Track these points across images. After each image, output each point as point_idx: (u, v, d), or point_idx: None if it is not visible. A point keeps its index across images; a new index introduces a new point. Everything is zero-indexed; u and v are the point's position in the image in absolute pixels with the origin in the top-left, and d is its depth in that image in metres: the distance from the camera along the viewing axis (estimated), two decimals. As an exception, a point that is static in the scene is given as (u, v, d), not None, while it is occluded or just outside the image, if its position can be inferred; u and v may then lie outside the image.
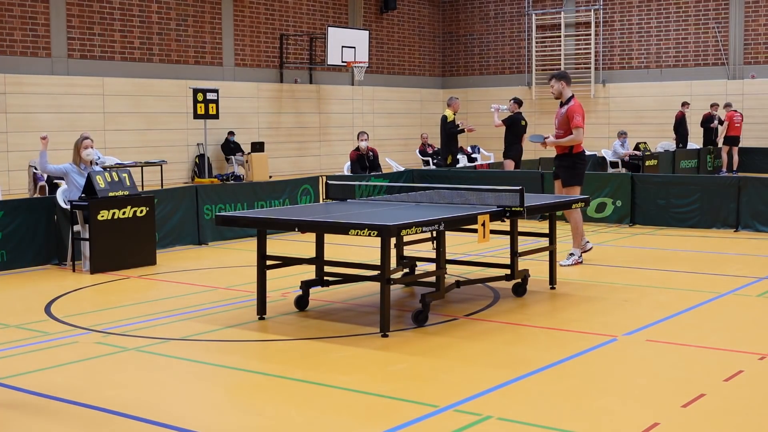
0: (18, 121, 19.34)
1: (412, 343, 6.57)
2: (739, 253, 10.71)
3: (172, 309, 7.78)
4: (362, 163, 15.95)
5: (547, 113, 28.22)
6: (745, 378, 5.60)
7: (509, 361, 6.11)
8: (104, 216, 9.68)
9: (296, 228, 7.25)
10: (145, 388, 5.60)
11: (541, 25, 28.88)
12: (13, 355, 6.33)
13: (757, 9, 25.65)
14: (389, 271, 6.69)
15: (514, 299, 8.06)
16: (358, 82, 26.74)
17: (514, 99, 16.78)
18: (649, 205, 12.95)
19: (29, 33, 19.72)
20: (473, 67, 30.24)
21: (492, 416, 4.90)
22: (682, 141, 23.11)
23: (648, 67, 27.27)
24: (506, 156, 16.63)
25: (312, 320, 7.35)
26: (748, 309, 7.71)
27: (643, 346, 6.47)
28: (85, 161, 10.29)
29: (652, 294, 8.26)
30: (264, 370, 5.93)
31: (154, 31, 22.06)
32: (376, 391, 5.40)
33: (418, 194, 9.07)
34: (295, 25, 25.60)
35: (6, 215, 9.85)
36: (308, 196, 13.52)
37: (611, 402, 5.19)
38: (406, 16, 29.31)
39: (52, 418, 5.04)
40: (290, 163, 25.00)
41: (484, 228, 7.25)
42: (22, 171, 17.97)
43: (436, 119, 22.87)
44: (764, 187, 12.35)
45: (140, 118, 21.49)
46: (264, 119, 24.48)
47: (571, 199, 9.05)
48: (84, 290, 8.83)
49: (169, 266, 9.91)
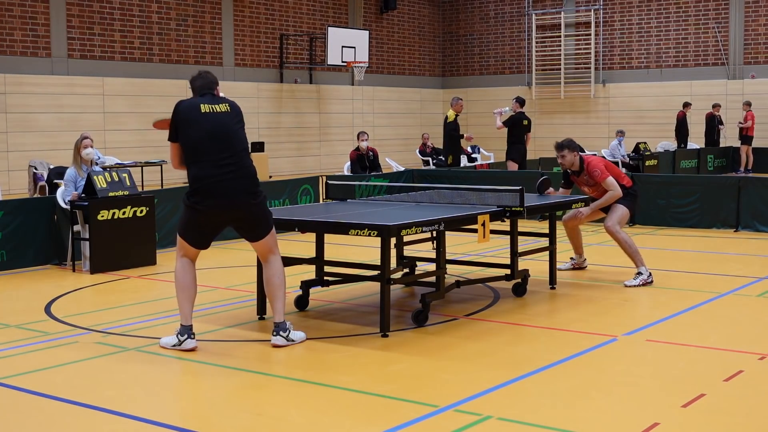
0: (18, 121, 19.34)
1: (412, 343, 6.57)
2: (739, 253, 10.71)
3: (172, 309, 7.77)
4: (362, 163, 15.95)
5: (547, 113, 28.26)
6: (745, 378, 5.60)
7: (509, 361, 6.11)
8: (104, 216, 9.68)
9: (296, 228, 7.25)
10: (145, 388, 5.60)
11: (541, 25, 28.88)
12: (13, 355, 6.33)
13: (757, 9, 25.65)
14: (389, 271, 6.69)
15: (514, 299, 8.06)
16: (358, 82, 26.73)
17: (517, 98, 16.75)
18: (649, 205, 12.94)
19: (29, 33, 19.73)
20: (473, 67, 30.24)
21: (492, 416, 4.90)
22: (683, 141, 23.11)
23: (648, 67, 27.26)
24: (508, 157, 16.58)
25: (312, 320, 7.35)
26: (748, 309, 7.71)
27: (643, 346, 6.47)
28: (86, 161, 10.29)
29: (652, 294, 8.26)
30: (264, 370, 5.93)
31: (154, 31, 22.06)
32: (376, 391, 5.40)
33: (418, 194, 9.07)
34: (295, 25, 25.60)
35: (6, 215, 9.85)
36: (308, 196, 13.52)
37: (611, 402, 5.19)
38: (406, 16, 29.31)
39: (52, 418, 5.04)
40: (290, 163, 25.00)
41: (484, 228, 7.25)
42: (22, 171, 17.97)
43: (436, 119, 22.96)
44: (764, 187, 12.35)
45: (140, 118, 21.48)
46: (264, 119, 24.48)
47: (571, 199, 9.05)
48: (84, 290, 8.83)
49: (169, 266, 9.91)
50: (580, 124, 27.72)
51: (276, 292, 6.44)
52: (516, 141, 16.44)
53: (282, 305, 6.45)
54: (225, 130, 6.25)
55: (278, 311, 6.43)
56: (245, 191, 6.25)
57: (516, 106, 16.51)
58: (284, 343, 6.38)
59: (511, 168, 16.22)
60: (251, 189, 6.28)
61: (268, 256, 6.46)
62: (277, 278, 6.44)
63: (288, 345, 6.39)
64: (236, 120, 6.33)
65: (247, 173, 6.28)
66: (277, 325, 6.42)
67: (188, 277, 6.39)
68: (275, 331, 6.42)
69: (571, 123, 27.48)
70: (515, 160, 16.38)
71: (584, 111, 27.72)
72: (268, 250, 6.46)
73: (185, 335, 6.30)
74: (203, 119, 6.24)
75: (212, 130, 6.22)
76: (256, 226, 6.39)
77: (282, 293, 6.46)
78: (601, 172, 8.80)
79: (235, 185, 6.21)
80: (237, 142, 6.28)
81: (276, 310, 6.45)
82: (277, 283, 6.44)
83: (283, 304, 6.46)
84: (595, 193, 9.00)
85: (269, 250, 6.46)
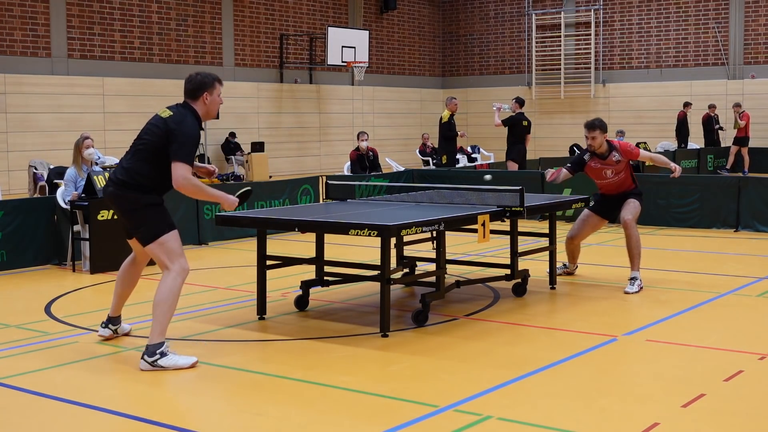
0: (18, 121, 19.34)
1: (412, 343, 6.57)
2: (739, 253, 10.71)
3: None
4: (362, 163, 15.96)
5: (547, 113, 28.25)
6: (745, 378, 5.60)
7: (509, 361, 6.11)
8: (104, 216, 9.68)
9: (296, 228, 7.25)
10: (144, 388, 5.60)
11: (541, 25, 28.88)
12: (13, 355, 6.33)
13: (757, 9, 25.65)
14: (389, 271, 6.69)
15: (514, 299, 8.06)
16: (358, 82, 26.74)
17: (516, 99, 16.74)
18: (649, 205, 12.91)
19: (29, 33, 19.73)
20: (473, 67, 30.24)
21: (492, 416, 4.90)
22: (683, 141, 23.11)
23: (648, 67, 27.27)
24: (508, 157, 16.58)
25: (312, 320, 7.35)
26: (748, 309, 7.71)
27: (643, 346, 6.47)
28: (86, 161, 10.29)
29: (652, 294, 8.26)
30: (264, 370, 5.93)
31: (154, 31, 22.06)
32: (376, 391, 5.40)
33: (418, 194, 9.07)
34: (295, 25, 25.60)
35: (6, 215, 9.85)
36: (308, 196, 13.52)
37: (611, 402, 5.19)
38: (406, 16, 29.31)
39: (52, 418, 5.04)
40: (290, 163, 25.00)
41: (484, 228, 7.25)
42: (22, 171, 17.96)
43: (436, 119, 22.84)
44: (764, 187, 12.35)
45: (140, 118, 21.29)
46: (264, 119, 24.49)
47: (571, 199, 9.05)
48: (84, 290, 8.83)
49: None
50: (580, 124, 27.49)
51: (153, 308, 5.96)
52: (516, 141, 16.44)
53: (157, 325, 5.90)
54: (144, 127, 6.15)
55: (152, 330, 5.92)
56: (114, 185, 6.03)
57: (515, 107, 16.50)
58: (149, 368, 5.83)
59: (511, 168, 16.21)
60: (119, 184, 6.00)
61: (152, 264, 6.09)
62: (158, 295, 5.92)
63: (155, 370, 5.83)
64: (157, 127, 6.03)
65: (120, 171, 6.03)
66: (146, 348, 5.91)
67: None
68: (142, 355, 5.93)
69: (571, 123, 27.46)
70: (515, 160, 16.38)
71: (584, 111, 27.68)
72: (156, 260, 6.07)
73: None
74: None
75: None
76: (131, 227, 6.13)
77: (159, 312, 5.90)
78: (634, 147, 8.68)
79: (111, 178, 6.08)
80: (139, 137, 6.11)
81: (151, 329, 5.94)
82: (155, 299, 5.93)
83: (159, 324, 5.91)
84: (615, 180, 8.67)
85: (158, 261, 6.04)
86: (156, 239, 5.95)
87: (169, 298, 5.93)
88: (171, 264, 5.96)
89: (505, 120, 16.36)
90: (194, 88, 6.13)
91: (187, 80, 6.18)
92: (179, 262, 5.98)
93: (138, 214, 6.02)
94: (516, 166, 16.23)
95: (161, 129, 6.00)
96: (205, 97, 6.14)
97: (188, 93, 6.15)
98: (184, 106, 6.14)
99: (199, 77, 6.16)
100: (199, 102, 6.15)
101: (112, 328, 6.59)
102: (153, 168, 6.00)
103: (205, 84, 6.14)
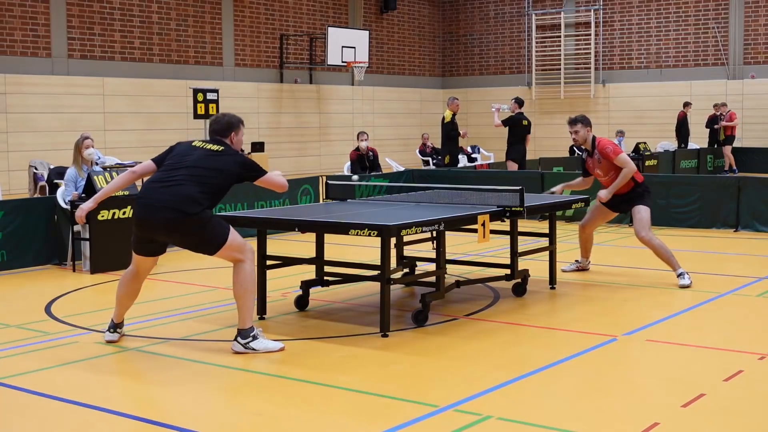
0: (18, 121, 19.34)
1: (412, 343, 6.57)
2: (739, 253, 10.71)
3: (172, 309, 7.78)
4: (362, 163, 15.96)
5: (547, 113, 28.25)
6: (745, 378, 5.60)
7: (509, 361, 6.11)
8: (104, 216, 9.68)
9: (296, 228, 7.25)
10: (144, 388, 5.60)
11: (541, 25, 28.88)
12: (13, 355, 6.33)
13: (757, 9, 25.65)
14: (389, 271, 6.69)
15: (514, 299, 8.06)
16: (358, 82, 26.74)
17: (516, 99, 16.74)
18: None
19: (29, 33, 19.73)
20: (473, 67, 30.25)
21: (492, 416, 4.91)
22: (683, 141, 23.09)
23: (648, 67, 27.27)
24: (508, 157, 16.58)
25: (312, 320, 7.35)
26: (748, 309, 7.71)
27: (643, 346, 6.47)
28: (86, 161, 10.29)
29: (652, 294, 8.26)
30: (264, 370, 5.93)
31: (154, 31, 22.06)
32: (376, 391, 5.40)
33: (418, 194, 9.08)
34: (295, 25, 25.61)
35: (6, 215, 9.85)
36: (308, 196, 13.53)
37: (611, 402, 5.19)
38: (406, 16, 29.31)
39: (52, 418, 5.04)
40: (290, 163, 24.99)
41: (484, 228, 7.25)
42: (22, 171, 17.96)
43: (436, 119, 22.85)
44: (764, 187, 12.35)
45: (140, 118, 21.49)
46: (264, 119, 24.49)
47: (571, 199, 9.05)
48: (84, 290, 8.83)
49: (169, 266, 9.90)
50: (580, 124, 27.65)
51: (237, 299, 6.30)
52: (516, 141, 16.43)
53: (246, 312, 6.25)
54: (194, 156, 6.20)
55: (242, 317, 6.26)
56: (168, 209, 6.06)
57: (514, 107, 16.49)
58: (242, 350, 6.21)
59: (511, 168, 16.22)
60: (178, 208, 6.05)
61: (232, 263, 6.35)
62: (238, 286, 6.23)
63: (247, 353, 6.20)
64: (220, 158, 6.19)
65: (178, 191, 6.07)
66: (239, 332, 6.27)
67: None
68: (235, 337, 6.30)
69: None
70: (515, 160, 16.38)
71: (584, 111, 27.57)
72: (228, 260, 6.33)
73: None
74: (187, 146, 6.34)
75: (185, 153, 6.25)
76: (191, 246, 6.29)
77: (248, 299, 6.25)
78: (613, 149, 8.62)
79: (166, 206, 6.06)
80: (196, 166, 6.14)
81: (239, 316, 6.29)
82: (238, 290, 6.25)
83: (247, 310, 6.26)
84: (606, 180, 8.79)
85: (229, 260, 6.31)
86: (223, 245, 6.19)
87: (252, 284, 6.33)
88: (242, 255, 6.24)
89: (505, 120, 16.36)
90: (223, 128, 6.42)
91: (213, 120, 6.48)
92: (246, 249, 6.26)
93: (201, 232, 6.17)
94: (516, 166, 16.22)
95: (228, 164, 6.21)
96: (232, 137, 6.43)
97: (217, 132, 6.42)
98: (220, 142, 6.36)
99: (226, 118, 6.46)
100: (226, 141, 6.41)
101: (119, 332, 6.66)
102: (215, 196, 6.24)
103: (232, 125, 6.44)
